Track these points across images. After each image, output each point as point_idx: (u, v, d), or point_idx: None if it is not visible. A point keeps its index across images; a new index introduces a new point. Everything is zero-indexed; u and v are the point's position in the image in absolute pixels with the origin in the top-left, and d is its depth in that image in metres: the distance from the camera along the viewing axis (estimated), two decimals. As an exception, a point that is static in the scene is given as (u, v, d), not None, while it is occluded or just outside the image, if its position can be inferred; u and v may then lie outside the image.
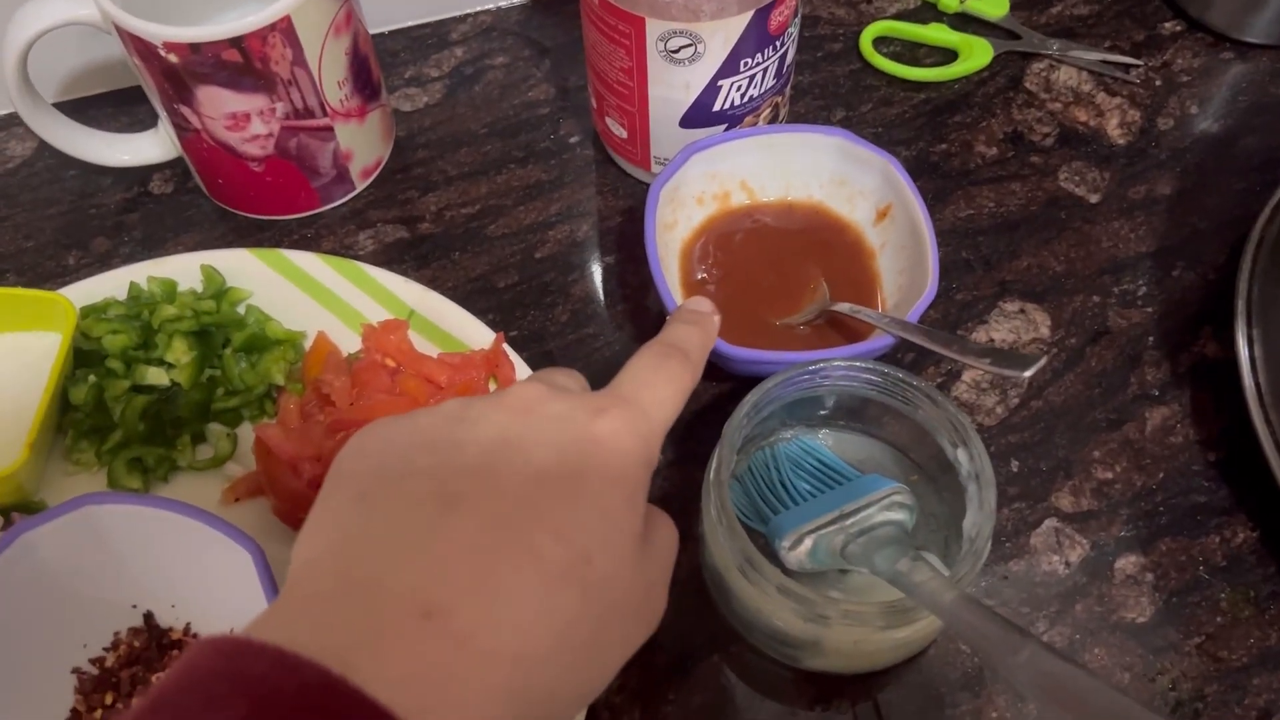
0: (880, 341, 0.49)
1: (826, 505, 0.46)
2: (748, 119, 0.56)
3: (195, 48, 0.48)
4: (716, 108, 0.54)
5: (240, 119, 0.52)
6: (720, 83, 0.52)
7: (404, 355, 0.51)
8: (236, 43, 0.48)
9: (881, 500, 0.46)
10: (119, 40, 0.51)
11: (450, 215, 0.60)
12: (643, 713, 0.46)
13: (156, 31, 0.48)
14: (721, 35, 0.50)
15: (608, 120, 0.57)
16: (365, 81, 0.56)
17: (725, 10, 0.49)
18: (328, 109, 0.54)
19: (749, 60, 0.52)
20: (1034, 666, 0.35)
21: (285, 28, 0.49)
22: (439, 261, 0.58)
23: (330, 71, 0.53)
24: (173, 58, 0.49)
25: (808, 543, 0.45)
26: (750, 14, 0.49)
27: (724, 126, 0.55)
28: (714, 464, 0.44)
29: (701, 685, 0.47)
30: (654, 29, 0.50)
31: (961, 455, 0.44)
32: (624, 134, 0.57)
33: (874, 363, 0.45)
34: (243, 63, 0.49)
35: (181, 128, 0.54)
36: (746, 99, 0.54)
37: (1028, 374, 0.43)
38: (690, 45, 0.50)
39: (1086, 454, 0.52)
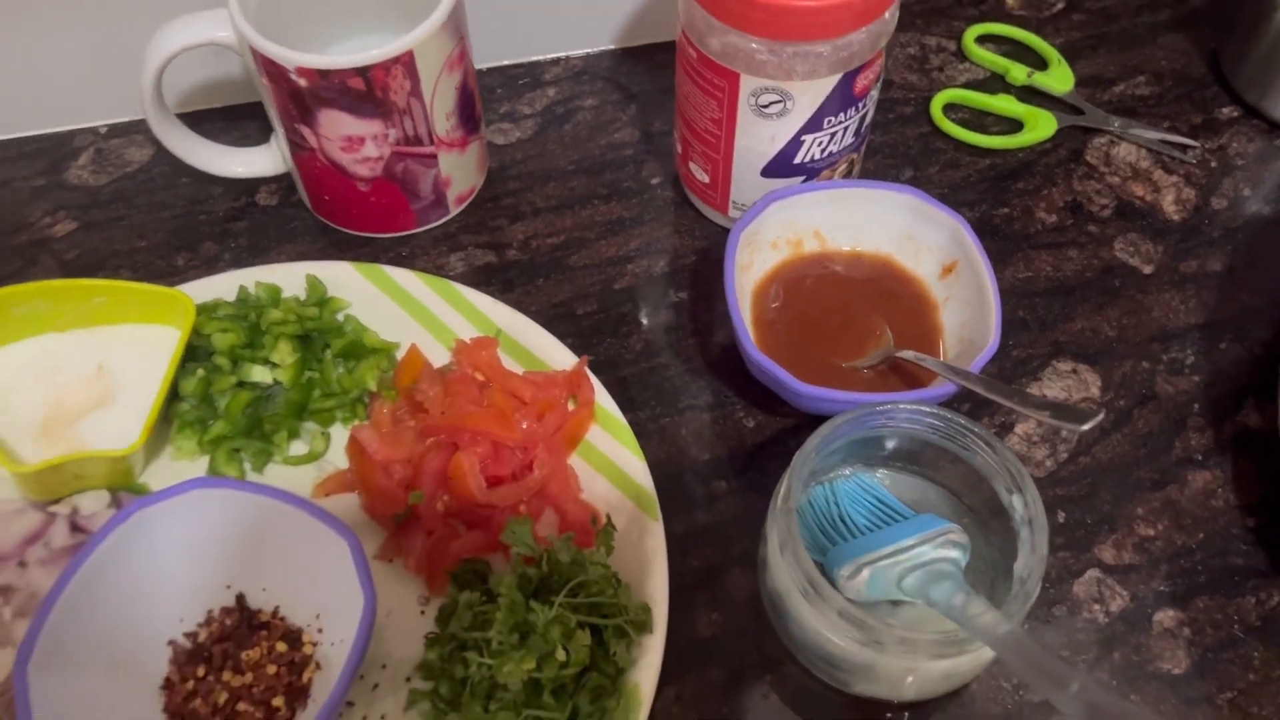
0: (942, 389, 0.52)
1: (884, 540, 0.49)
2: (824, 172, 0.59)
3: (324, 74, 0.52)
4: (797, 160, 0.57)
5: (355, 142, 0.56)
6: (804, 138, 0.56)
7: (493, 370, 0.54)
8: (362, 72, 0.53)
9: (937, 538, 0.48)
10: (248, 60, 0.55)
11: (536, 244, 0.63)
12: (698, 723, 0.48)
13: (290, 57, 0.52)
14: (810, 94, 0.54)
15: (691, 165, 0.61)
16: (469, 115, 0.60)
17: (816, 72, 0.52)
18: (435, 138, 0.58)
19: (832, 119, 0.55)
20: (1084, 699, 0.37)
21: (408, 61, 0.53)
22: (523, 286, 0.62)
23: (441, 103, 0.57)
24: (302, 81, 0.53)
25: (865, 573, 0.48)
26: (839, 76, 0.53)
27: (802, 178, 0.59)
28: (781, 492, 0.47)
29: (753, 702, 0.49)
30: (747, 85, 0.53)
31: (1016, 501, 0.47)
32: (706, 179, 0.61)
33: (938, 408, 0.48)
34: (365, 90, 0.53)
35: (297, 145, 0.58)
36: (826, 154, 0.58)
37: (1085, 427, 0.46)
38: (780, 101, 0.54)
39: (1130, 510, 0.55)
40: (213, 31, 0.55)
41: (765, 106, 0.54)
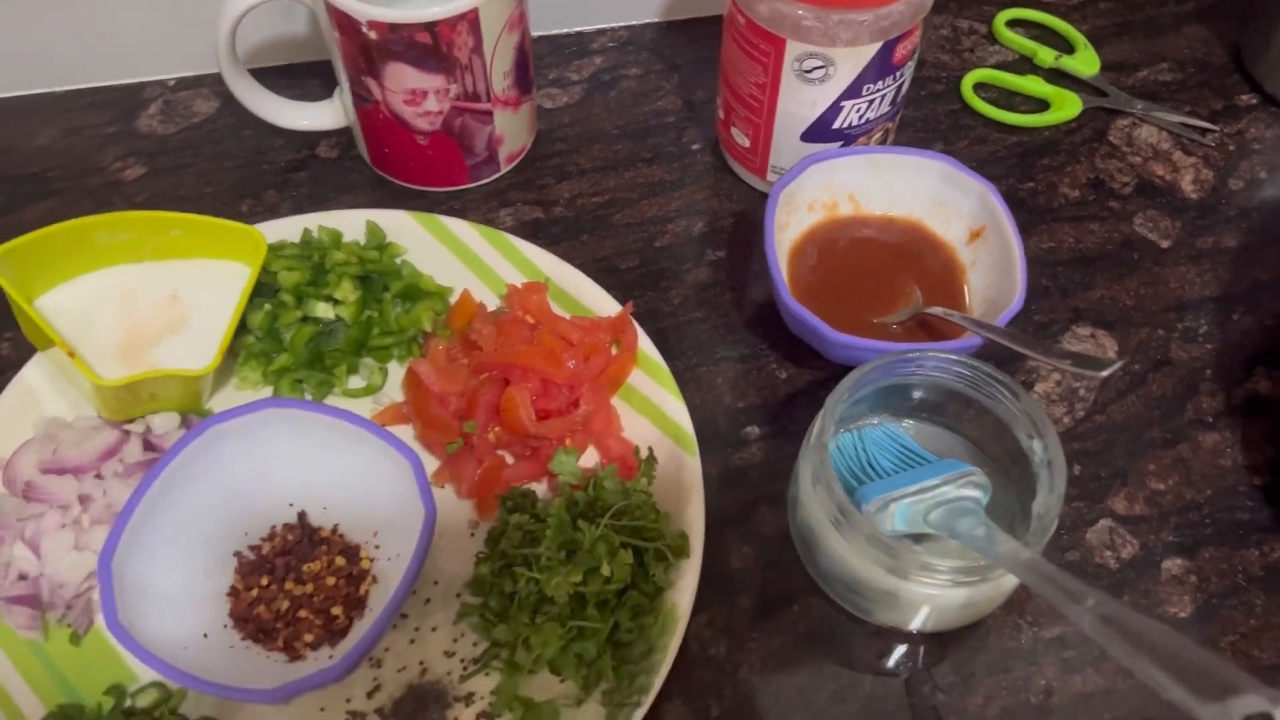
0: (969, 341, 0.55)
1: (909, 480, 0.52)
2: (860, 139, 0.62)
3: (394, 27, 0.56)
4: (836, 126, 0.60)
5: (418, 95, 0.59)
6: (843, 103, 0.59)
7: (542, 314, 0.58)
8: (430, 27, 0.56)
9: (959, 479, 0.51)
10: (319, 13, 0.58)
11: (581, 202, 0.67)
12: (728, 647, 0.51)
13: (363, 10, 0.55)
14: (851, 61, 0.57)
15: (733, 130, 0.64)
16: (524, 75, 0.63)
17: (858, 39, 0.56)
18: (492, 95, 0.61)
19: (870, 85, 0.59)
20: (1099, 611, 0.40)
21: (473, 18, 0.56)
22: (569, 241, 0.65)
23: (500, 62, 0.60)
24: (372, 34, 0.56)
25: (892, 508, 0.51)
26: (879, 45, 0.56)
27: (839, 144, 0.62)
28: (814, 431, 0.50)
29: (780, 629, 0.52)
30: (793, 50, 0.56)
31: (1036, 445, 0.50)
32: (747, 143, 0.64)
33: (965, 357, 0.51)
34: (431, 45, 0.57)
35: (362, 98, 0.61)
36: (863, 120, 0.61)
37: (1104, 374, 0.49)
38: (823, 67, 0.57)
39: (1142, 466, 0.57)
40: (287, -14, 0.58)
41: (808, 72, 0.57)
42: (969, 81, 0.72)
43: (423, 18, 0.55)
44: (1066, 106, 0.71)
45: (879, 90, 0.59)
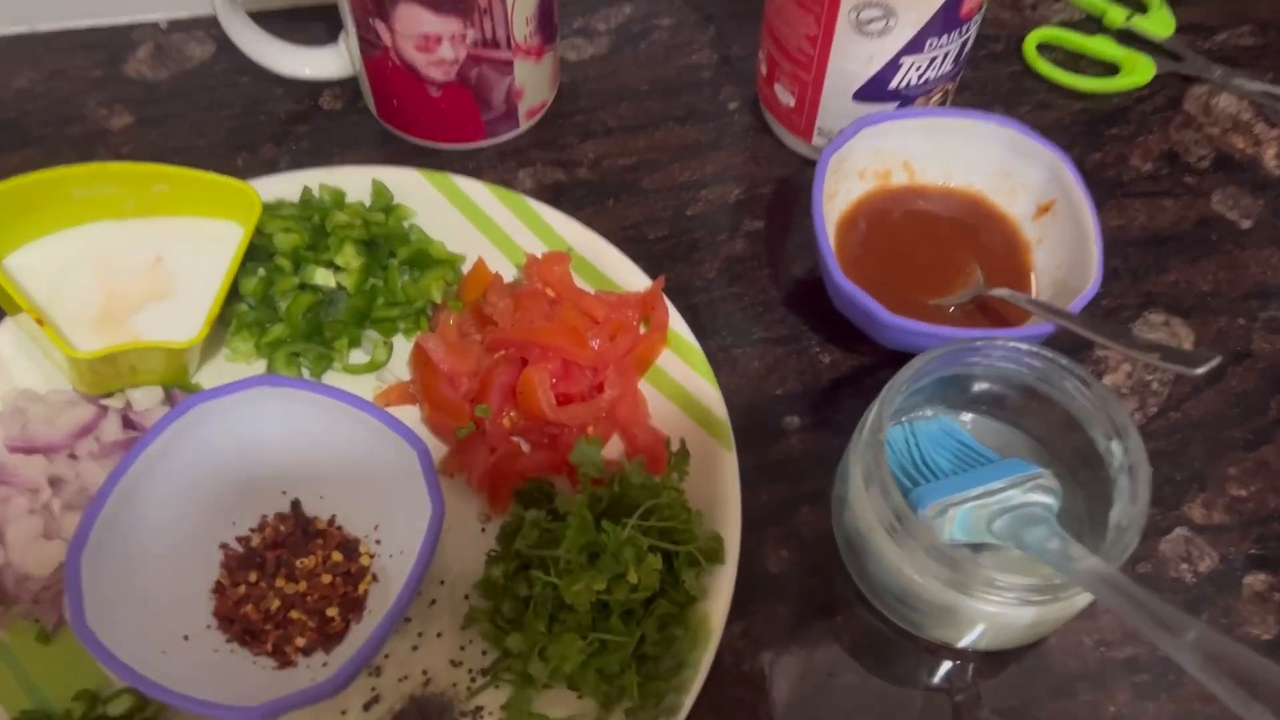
0: (1039, 329, 0.49)
1: (971, 482, 0.47)
2: (918, 100, 0.56)
3: (406, -36, 0.50)
4: (892, 85, 0.55)
5: (432, 40, 0.54)
6: (903, 60, 0.53)
7: (564, 287, 0.52)
8: (446, -37, 0.50)
9: (1026, 482, 0.46)
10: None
11: (607, 164, 0.61)
12: (765, 661, 0.46)
13: (372, -56, 0.50)
14: (915, 13, 0.51)
15: (776, 87, 0.58)
16: (547, 23, 0.58)
17: (924, -13, 0.50)
18: (513, 43, 0.55)
19: (934, 40, 0.53)
20: (1202, 646, 0.35)
21: (494, -45, 0.50)
22: (593, 206, 0.59)
23: (522, 7, 0.54)
24: (382, -28, 0.50)
25: (952, 514, 0.46)
26: (947, -6, 0.50)
27: (894, 105, 0.56)
28: (867, 424, 0.45)
29: (822, 641, 0.47)
30: (849, -1, 0.51)
31: (1115, 447, 0.45)
32: (792, 102, 0.58)
33: (1039, 346, 0.46)
34: (447, -16, 0.51)
35: (369, 43, 0.55)
36: (922, 80, 0.55)
37: (1201, 370, 0.44)
38: (883, 18, 0.51)
39: (1221, 470, 0.52)
40: (289, -84, 0.52)
41: (867, 23, 0.51)
42: (1032, 41, 0.66)
43: (438, -48, 0.50)
44: (1138, 71, 0.65)
45: (942, 46, 0.53)
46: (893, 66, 0.53)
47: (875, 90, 0.55)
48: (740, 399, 0.53)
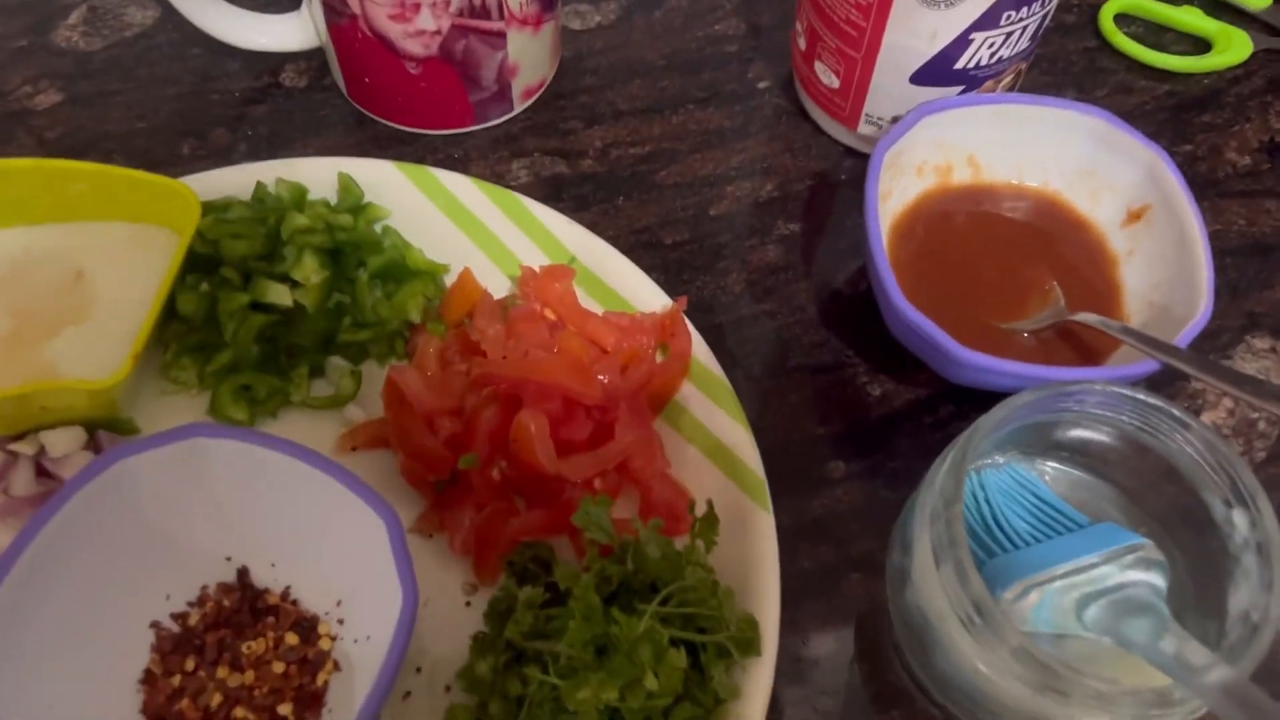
0: (1140, 367, 0.41)
1: (1056, 554, 0.39)
2: (988, 83, 0.47)
3: (375, -85, 0.41)
4: (959, 65, 0.46)
5: (408, 9, 0.45)
6: (973, 36, 0.44)
7: (568, 308, 0.44)
8: (425, -85, 0.41)
9: (1125, 555, 0.38)
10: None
11: (616, 154, 0.52)
12: (806, 766, 0.39)
13: (333, -111, 0.41)
14: (994, -22, 0.42)
15: (817, 65, 0.50)
16: (548, -14, 0.49)
17: (1008, -53, 0.41)
18: (506, 10, 0.46)
19: (1012, 13, 0.44)
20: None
21: (482, -96, 0.41)
22: (600, 205, 0.51)
23: (517, -33, 0.45)
24: (346, -76, 0.41)
25: (1033, 597, 0.38)
26: (1034, -44, 0.41)
27: (959, 89, 0.47)
28: (936, 488, 0.37)
29: (875, 742, 0.39)
30: (915, -40, 0.42)
31: (1239, 518, 0.37)
32: (835, 83, 0.49)
33: (1144, 393, 0.38)
34: (426, -60, 0.42)
35: (336, 11, 0.46)
36: (995, 59, 0.46)
37: (1360, 435, 0.35)
38: (954, -14, 0.42)
39: (1343, 529, 0.44)
40: None
41: (933, -9, 0.42)
42: (1109, 11, 0.57)
43: (414, -100, 0.41)
44: (1234, 47, 0.56)
45: (1021, 20, 0.44)
46: (961, 43, 0.45)
47: (938, 71, 0.46)
48: (775, 440, 0.44)
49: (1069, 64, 0.56)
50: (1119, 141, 0.46)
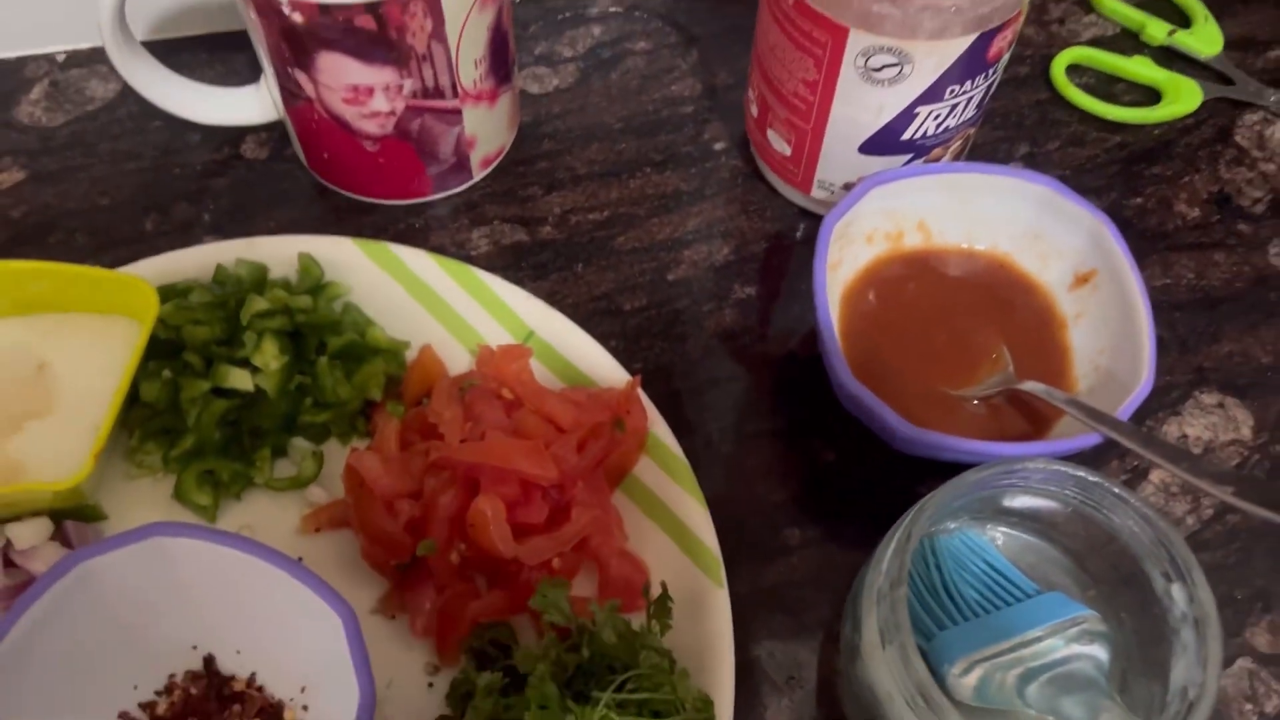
0: (1084, 439, 0.42)
1: (1003, 627, 0.40)
2: (935, 150, 0.48)
3: (325, 9, 0.41)
4: (906, 136, 0.47)
5: (362, 93, 0.45)
6: (918, 109, 0.45)
7: (524, 387, 0.44)
8: (373, 8, 0.41)
9: (1070, 628, 0.39)
10: (233, -13, 0.44)
11: (575, 220, 0.53)
12: (763, 838, 0.40)
13: (282, -15, 0.41)
14: (934, 58, 0.43)
15: (770, 133, 0.50)
16: (501, 61, 0.49)
17: (947, 31, 0.41)
18: (459, 90, 0.47)
19: (956, 88, 0.45)
20: None
21: (430, -5, 0.42)
22: (560, 273, 0.51)
23: (469, 49, 0.46)
24: (297, 17, 0.42)
25: (976, 673, 0.39)
26: (972, 37, 0.42)
27: (908, 157, 0.48)
28: (883, 569, 0.38)
29: (830, 811, 0.40)
30: (857, 42, 0.42)
31: (1178, 593, 0.38)
32: (787, 150, 0.50)
33: (1085, 471, 0.38)
34: (376, 31, 0.42)
35: (292, 93, 0.47)
36: (941, 130, 0.47)
37: (1287, 517, 0.36)
38: (896, 65, 0.43)
39: (1288, 585, 0.45)
40: (185, -54, 0.44)
41: (876, 70, 0.43)
42: (1060, 63, 0.58)
43: (362, -4, 0.41)
44: (1183, 98, 0.57)
45: (965, 93, 0.45)
46: (907, 116, 0.45)
47: (885, 142, 0.47)
48: (732, 507, 0.45)
49: (1022, 117, 0.57)
50: (1065, 208, 0.46)
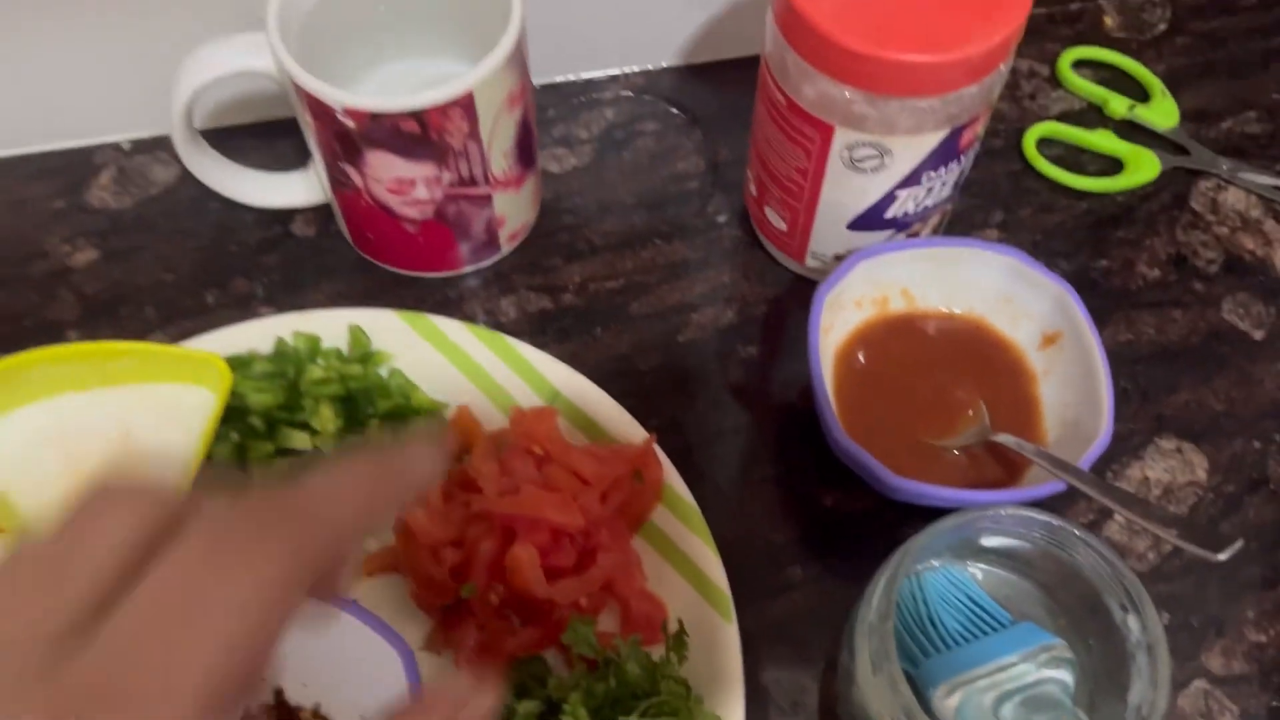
0: (1052, 486, 0.47)
1: (981, 654, 0.45)
2: (915, 225, 0.54)
3: (375, 116, 0.47)
4: (889, 215, 0.52)
5: (405, 184, 0.51)
6: (899, 193, 0.51)
7: (553, 444, 0.50)
8: (417, 115, 0.47)
9: (1040, 654, 0.44)
10: (289, 92, 0.50)
11: (594, 288, 0.58)
12: (771, 846, 0.45)
13: (338, 97, 0.47)
14: (911, 150, 0.48)
15: (767, 210, 0.56)
16: (527, 150, 0.55)
17: (921, 127, 0.47)
18: (490, 178, 0.53)
19: (931, 173, 0.50)
20: None
21: (466, 103, 0.48)
22: (580, 337, 0.57)
23: (499, 143, 0.52)
24: (350, 123, 0.48)
25: (958, 696, 0.44)
26: (945, 132, 0.48)
27: (890, 232, 0.54)
28: (873, 604, 0.43)
29: (831, 821, 0.45)
30: (842, 138, 0.48)
31: (1133, 623, 0.43)
32: (784, 227, 0.56)
33: (1049, 516, 0.44)
34: (419, 133, 0.48)
35: (340, 182, 0.53)
36: (920, 209, 0.52)
37: (1222, 557, 0.41)
38: (877, 156, 0.49)
39: (1240, 613, 0.50)
40: (249, 60, 0.50)
41: (860, 161, 0.49)
42: (1031, 137, 0.63)
43: (409, 106, 0.47)
44: (1143, 167, 0.62)
45: (940, 177, 0.51)
46: (889, 199, 0.51)
47: (870, 220, 0.52)
48: (740, 548, 0.51)
49: (997, 187, 0.63)
50: (1031, 277, 0.52)
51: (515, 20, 0.48)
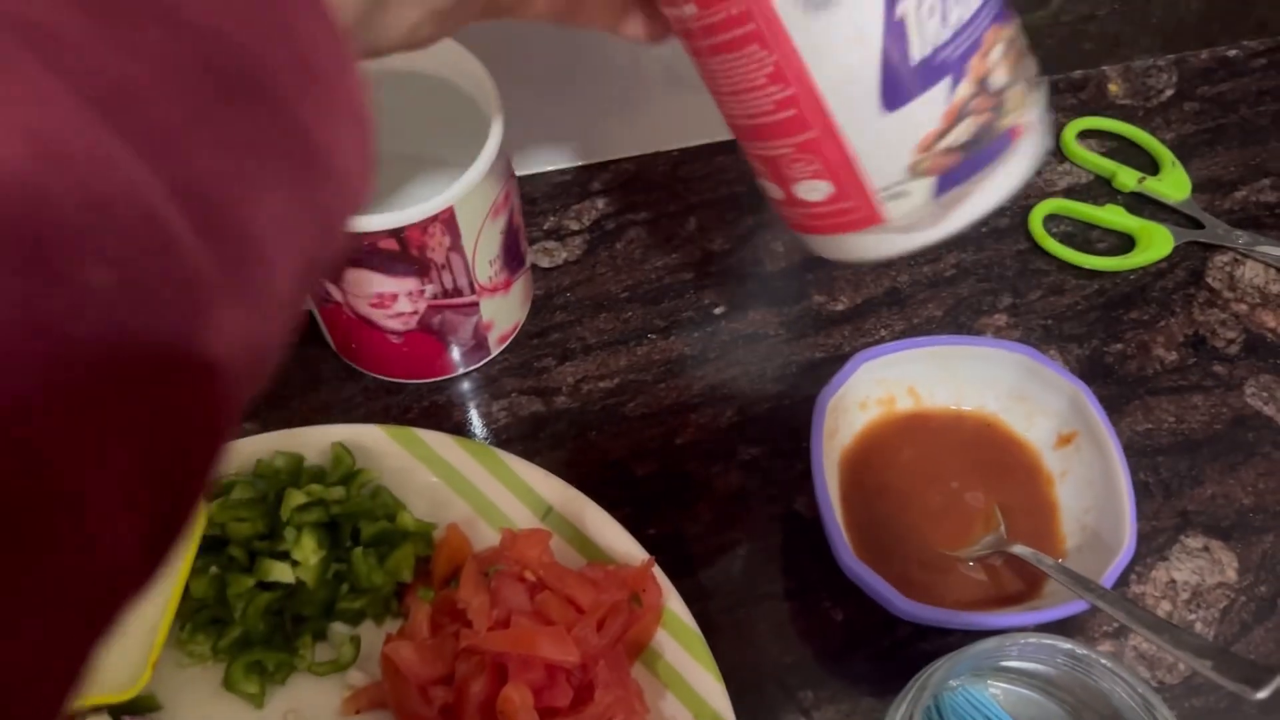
0: (1071, 607, 0.44)
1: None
2: (973, 58, 0.36)
3: (350, 235, 0.45)
4: (917, 56, 0.35)
5: (387, 299, 0.49)
6: (897, 8, 0.34)
7: (546, 570, 0.47)
8: (396, 233, 0.45)
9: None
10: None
11: (587, 389, 0.56)
12: None
13: (312, 216, 0.45)
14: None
15: (795, 188, 0.40)
16: (514, 253, 0.53)
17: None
18: (476, 287, 0.51)
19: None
20: None
21: (447, 218, 0.46)
22: (574, 442, 0.55)
23: (484, 252, 0.50)
24: (325, 241, 0.46)
25: (984, 835, 0.41)
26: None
27: (946, 82, 0.35)
28: (889, 741, 0.40)
29: None
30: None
31: (1165, 759, 0.40)
32: (830, 188, 0.38)
33: (1073, 643, 0.41)
34: (399, 250, 0.46)
35: (321, 297, 0.51)
36: (958, 26, 0.35)
37: (1261, 695, 0.39)
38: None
39: (1280, 727, 0.47)
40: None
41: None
42: (1038, 214, 0.61)
43: (386, 225, 0.45)
44: (1155, 243, 0.60)
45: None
46: (895, 29, 0.34)
47: (903, 80, 0.35)
48: (748, 673, 0.48)
49: (1004, 268, 0.60)
50: (1044, 374, 0.50)
51: (495, 130, 0.47)
